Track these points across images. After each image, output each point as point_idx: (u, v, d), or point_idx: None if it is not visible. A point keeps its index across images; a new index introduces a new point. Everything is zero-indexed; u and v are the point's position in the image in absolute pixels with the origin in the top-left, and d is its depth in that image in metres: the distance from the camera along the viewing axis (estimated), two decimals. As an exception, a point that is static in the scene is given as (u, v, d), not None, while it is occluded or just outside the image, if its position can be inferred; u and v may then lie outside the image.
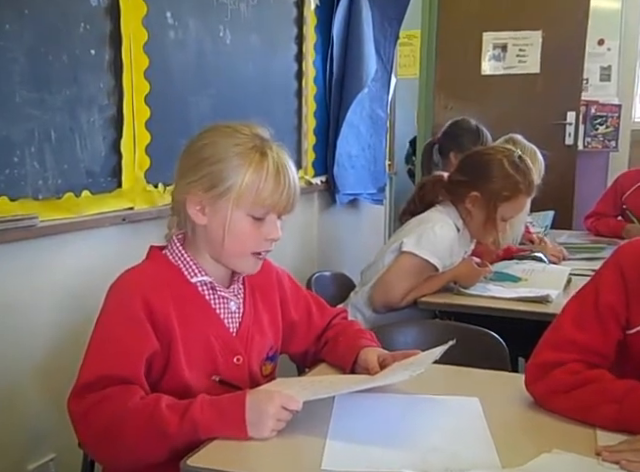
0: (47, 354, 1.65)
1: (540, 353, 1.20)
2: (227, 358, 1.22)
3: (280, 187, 1.16)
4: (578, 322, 1.19)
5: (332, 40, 2.92)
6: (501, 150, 2.11)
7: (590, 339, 1.16)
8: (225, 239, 1.17)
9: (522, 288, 2.06)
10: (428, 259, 2.01)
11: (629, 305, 1.16)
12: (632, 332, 1.17)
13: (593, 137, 4.52)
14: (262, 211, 1.17)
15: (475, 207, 2.05)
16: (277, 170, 1.16)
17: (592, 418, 1.09)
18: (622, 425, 1.05)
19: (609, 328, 1.16)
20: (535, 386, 1.18)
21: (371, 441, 1.02)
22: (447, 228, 2.06)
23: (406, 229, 2.13)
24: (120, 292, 1.16)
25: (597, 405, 1.08)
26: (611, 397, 1.08)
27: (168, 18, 1.95)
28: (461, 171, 2.13)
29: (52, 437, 1.66)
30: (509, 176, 2.01)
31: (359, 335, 1.37)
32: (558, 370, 1.15)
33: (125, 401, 1.04)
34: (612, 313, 1.16)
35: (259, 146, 1.17)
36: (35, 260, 1.61)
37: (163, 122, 1.94)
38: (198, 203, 1.18)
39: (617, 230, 3.09)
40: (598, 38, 4.52)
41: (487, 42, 4.06)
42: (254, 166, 1.14)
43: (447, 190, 2.13)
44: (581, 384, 1.12)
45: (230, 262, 1.23)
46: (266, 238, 1.20)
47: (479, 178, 2.04)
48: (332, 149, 3.01)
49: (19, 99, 1.51)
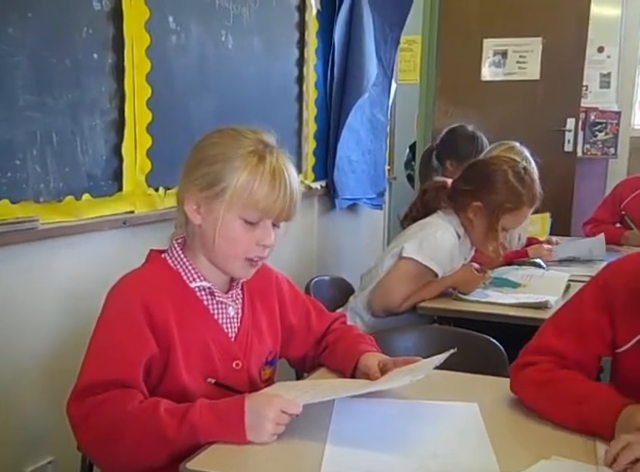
0: (46, 356, 1.65)
1: (521, 357, 1.24)
2: (226, 363, 1.22)
3: (275, 192, 1.15)
4: (557, 330, 1.22)
5: (333, 45, 2.92)
6: (506, 161, 2.11)
7: (566, 347, 1.19)
8: (215, 240, 1.17)
9: (521, 294, 2.07)
10: (428, 265, 2.01)
11: (614, 325, 1.17)
12: (621, 351, 1.18)
13: (592, 144, 4.53)
14: (255, 215, 1.17)
15: (477, 217, 2.05)
16: (273, 175, 1.15)
17: (555, 416, 1.11)
18: (583, 426, 1.06)
19: (588, 341, 1.19)
20: (512, 385, 1.22)
21: (370, 446, 1.02)
22: (448, 235, 2.06)
23: (407, 234, 2.14)
24: (119, 296, 1.16)
25: (560, 404, 1.10)
26: (573, 397, 1.10)
27: (170, 22, 1.96)
28: (465, 180, 2.13)
29: (50, 440, 1.66)
30: (513, 188, 2.02)
31: (359, 340, 1.37)
32: (530, 368, 1.19)
33: (124, 405, 1.04)
34: (595, 329, 1.18)
35: (259, 150, 1.17)
36: (35, 263, 1.61)
37: (164, 126, 1.94)
38: (195, 202, 1.18)
39: (616, 237, 3.10)
40: (598, 45, 4.53)
41: (487, 48, 4.07)
42: (249, 169, 1.14)
43: (450, 198, 2.13)
44: (549, 381, 1.15)
45: (221, 264, 1.22)
46: (258, 243, 1.19)
47: (482, 188, 2.04)
48: (332, 154, 3.01)
49: (21, 102, 1.52)
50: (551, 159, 3.88)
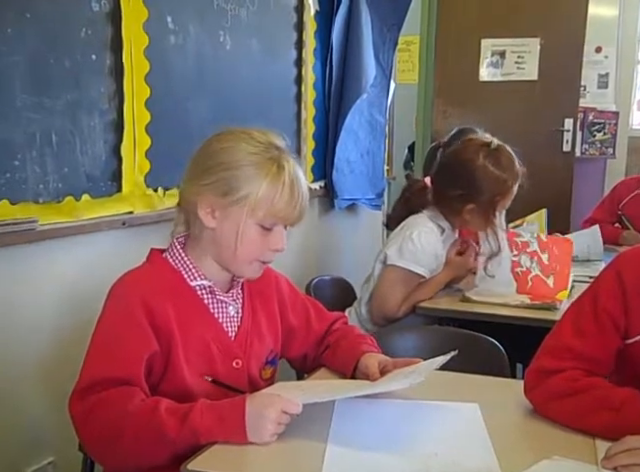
0: (46, 357, 1.65)
1: (539, 360, 1.20)
2: (226, 362, 1.22)
3: (294, 200, 1.17)
4: (577, 329, 1.18)
5: (331, 46, 2.92)
6: (476, 149, 2.03)
7: (588, 347, 1.16)
8: (237, 246, 1.18)
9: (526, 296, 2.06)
10: (411, 269, 2.01)
11: (628, 313, 1.15)
12: (631, 341, 1.16)
13: (591, 144, 4.54)
14: (272, 222, 1.18)
15: (473, 217, 2.04)
16: (292, 185, 1.17)
17: (588, 426, 1.08)
18: (618, 433, 1.03)
19: (608, 336, 1.16)
20: (533, 393, 1.18)
21: (371, 447, 1.02)
22: (425, 234, 2.04)
23: (390, 238, 2.15)
24: (120, 294, 1.17)
25: (593, 412, 1.08)
26: (608, 405, 1.08)
27: (169, 23, 1.95)
28: (448, 184, 2.07)
29: (51, 440, 1.66)
30: (497, 179, 1.98)
31: (360, 340, 1.38)
32: (556, 377, 1.15)
33: (125, 404, 1.04)
34: (611, 320, 1.16)
35: (276, 158, 1.17)
36: (35, 263, 1.61)
37: (163, 126, 1.94)
38: (209, 206, 1.18)
39: (614, 236, 3.10)
40: (596, 45, 4.55)
41: (485, 49, 4.07)
42: (270, 178, 1.15)
43: (438, 203, 2.10)
44: (578, 391, 1.12)
45: (235, 268, 1.23)
46: (270, 248, 1.21)
47: (471, 191, 2.01)
48: (331, 154, 3.01)
49: (20, 103, 1.51)
50: (549, 159, 3.90)
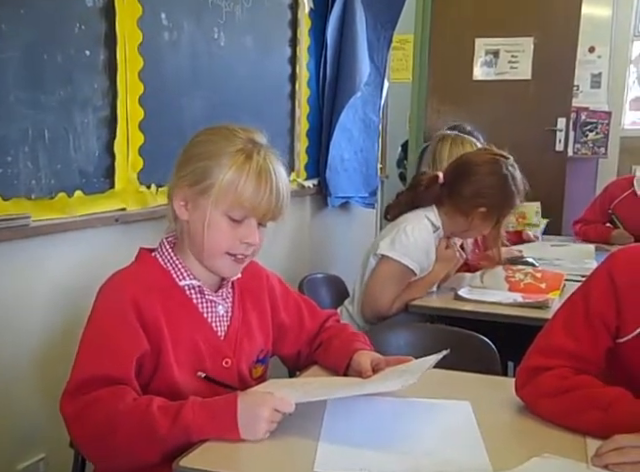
0: (38, 353, 1.65)
1: (530, 358, 1.21)
2: (215, 361, 1.22)
3: (260, 192, 1.16)
4: (568, 329, 1.19)
5: (326, 43, 2.92)
6: (499, 159, 2.05)
7: (580, 346, 1.16)
8: (204, 236, 1.17)
9: (518, 294, 2.07)
10: (402, 262, 2.01)
11: (619, 313, 1.15)
12: (622, 341, 1.16)
13: (583, 143, 4.55)
14: (240, 213, 1.17)
15: (479, 220, 2.04)
16: (259, 174, 1.15)
17: (578, 424, 1.09)
18: (608, 432, 1.04)
19: (598, 336, 1.17)
20: (524, 390, 1.19)
21: (363, 444, 1.03)
22: (418, 229, 2.04)
23: (383, 231, 2.15)
24: (109, 294, 1.17)
25: (583, 411, 1.09)
26: (598, 403, 1.08)
27: (163, 19, 1.95)
28: (467, 183, 2.05)
29: (42, 437, 1.65)
30: (512, 192, 2.02)
31: (353, 338, 1.38)
32: (546, 374, 1.16)
33: (117, 402, 1.04)
34: (602, 320, 1.16)
35: (247, 149, 1.17)
36: (27, 260, 1.60)
37: (157, 123, 1.94)
38: (182, 198, 1.19)
39: (605, 236, 3.12)
40: (589, 45, 4.56)
41: (479, 48, 4.08)
42: (235, 167, 1.15)
43: (450, 198, 2.08)
44: (569, 389, 1.12)
45: (206, 261, 1.22)
46: (241, 241, 1.19)
47: (487, 195, 2.02)
48: (324, 152, 3.01)
49: (13, 99, 1.51)
50: (542, 158, 3.92)
